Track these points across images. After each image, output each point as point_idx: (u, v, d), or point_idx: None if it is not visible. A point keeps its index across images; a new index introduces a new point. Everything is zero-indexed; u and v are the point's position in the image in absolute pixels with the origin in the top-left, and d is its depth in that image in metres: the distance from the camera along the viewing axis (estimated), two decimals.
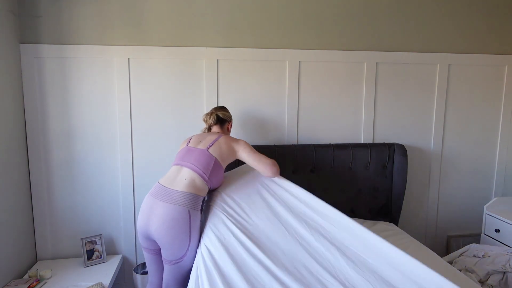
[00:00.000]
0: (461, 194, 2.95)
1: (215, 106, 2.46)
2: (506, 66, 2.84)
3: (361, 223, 1.79)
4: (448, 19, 2.73)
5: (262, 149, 2.50)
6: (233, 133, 2.58)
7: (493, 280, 2.17)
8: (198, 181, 1.92)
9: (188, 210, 1.84)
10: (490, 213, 2.67)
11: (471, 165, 2.92)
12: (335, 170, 2.57)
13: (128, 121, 2.49)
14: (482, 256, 2.33)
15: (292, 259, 1.64)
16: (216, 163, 1.98)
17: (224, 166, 2.04)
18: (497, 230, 2.60)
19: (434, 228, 2.94)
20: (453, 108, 2.83)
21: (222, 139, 2.06)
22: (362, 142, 2.73)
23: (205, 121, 2.24)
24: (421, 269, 1.45)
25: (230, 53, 2.52)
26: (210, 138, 2.07)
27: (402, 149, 2.63)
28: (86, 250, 2.43)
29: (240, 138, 2.59)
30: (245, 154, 2.05)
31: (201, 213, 1.97)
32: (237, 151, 2.06)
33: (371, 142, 2.74)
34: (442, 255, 2.88)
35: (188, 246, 1.85)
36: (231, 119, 2.28)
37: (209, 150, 2.00)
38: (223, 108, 2.28)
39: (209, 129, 2.24)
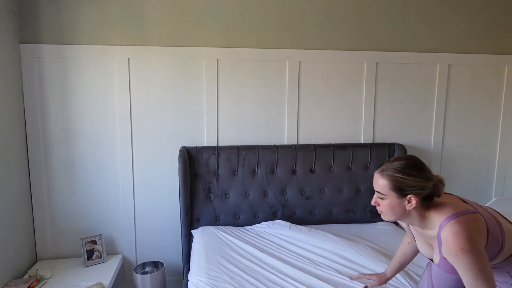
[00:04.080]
0: (461, 194, 2.90)
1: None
2: (506, 66, 2.84)
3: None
4: (448, 19, 2.73)
5: (263, 149, 2.51)
6: (233, 133, 2.59)
7: None
8: None
9: None
10: None
11: (471, 165, 2.92)
12: (335, 170, 2.57)
13: (128, 121, 2.48)
14: None
15: None
16: None
17: None
18: None
19: None
20: (453, 108, 2.83)
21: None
22: (362, 142, 2.73)
23: None
24: None
25: (230, 53, 2.52)
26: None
27: (402, 149, 2.63)
28: (86, 250, 2.43)
29: (239, 138, 2.61)
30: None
31: None
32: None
33: (371, 142, 2.74)
34: None
35: None
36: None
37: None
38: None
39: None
